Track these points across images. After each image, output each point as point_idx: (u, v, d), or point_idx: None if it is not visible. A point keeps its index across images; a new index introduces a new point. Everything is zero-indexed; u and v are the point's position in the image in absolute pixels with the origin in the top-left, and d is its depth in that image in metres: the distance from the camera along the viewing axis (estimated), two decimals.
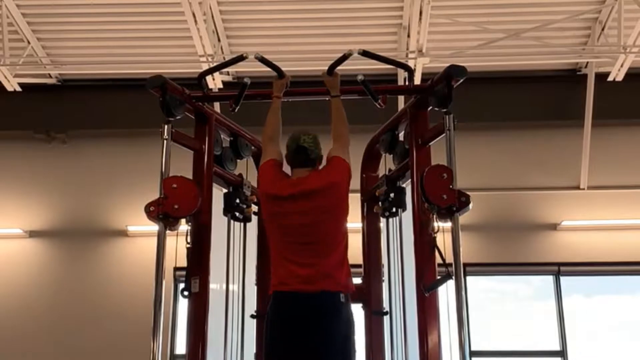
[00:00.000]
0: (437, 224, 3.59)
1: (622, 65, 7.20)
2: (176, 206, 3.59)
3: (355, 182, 4.48)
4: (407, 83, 4.20)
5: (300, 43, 7.60)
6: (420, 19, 6.74)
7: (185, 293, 3.74)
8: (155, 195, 3.65)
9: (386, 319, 4.31)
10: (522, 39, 7.21)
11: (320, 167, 3.62)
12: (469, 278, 7.58)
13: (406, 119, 4.11)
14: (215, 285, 4.06)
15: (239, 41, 7.67)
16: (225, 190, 4.33)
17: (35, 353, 7.63)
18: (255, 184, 4.48)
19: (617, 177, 7.95)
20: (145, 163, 5.46)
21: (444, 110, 3.71)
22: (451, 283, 3.46)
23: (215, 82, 7.37)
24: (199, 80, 4.15)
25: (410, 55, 7.06)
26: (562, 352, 7.56)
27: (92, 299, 7.78)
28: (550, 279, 7.87)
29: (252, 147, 4.51)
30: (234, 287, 4.34)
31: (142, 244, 7.72)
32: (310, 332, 3.32)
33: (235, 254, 4.37)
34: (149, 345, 3.45)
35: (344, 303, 3.38)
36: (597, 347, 7.67)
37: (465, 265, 3.66)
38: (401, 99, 6.69)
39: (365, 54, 3.93)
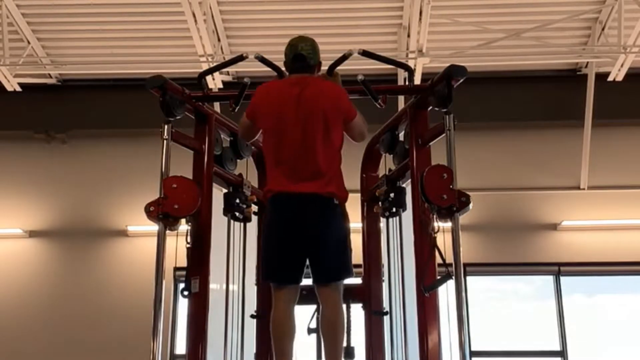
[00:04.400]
0: (437, 224, 3.58)
1: (622, 65, 7.20)
2: (176, 206, 3.58)
3: (355, 182, 4.50)
4: (407, 83, 4.20)
5: None
6: (420, 19, 6.74)
7: (185, 293, 3.73)
8: (155, 195, 3.64)
9: (386, 319, 4.30)
10: (522, 39, 7.21)
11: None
12: (469, 278, 7.58)
13: (406, 119, 4.11)
14: (215, 285, 4.05)
15: (239, 41, 7.67)
16: (225, 190, 4.33)
17: (35, 353, 7.63)
18: (255, 184, 4.50)
19: (617, 177, 7.95)
20: (145, 163, 5.46)
21: (444, 110, 3.70)
22: (451, 283, 3.46)
23: (215, 82, 7.38)
24: (199, 80, 4.15)
25: (410, 55, 7.06)
26: (562, 352, 7.57)
27: (92, 299, 7.78)
28: (550, 279, 7.87)
29: (252, 147, 4.51)
30: (234, 287, 4.34)
31: (142, 244, 7.72)
32: (306, 225, 3.48)
33: (235, 254, 4.36)
34: (149, 345, 3.45)
35: (337, 204, 3.56)
36: (597, 347, 7.67)
37: (465, 265, 3.65)
38: (401, 99, 6.69)
39: (365, 54, 3.93)
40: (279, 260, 3.54)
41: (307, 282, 3.63)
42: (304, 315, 3.91)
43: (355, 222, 4.20)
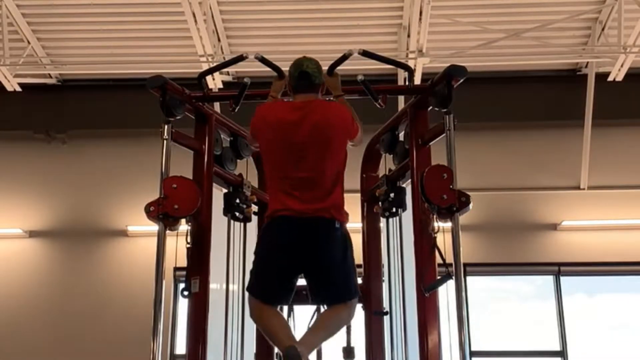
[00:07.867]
0: (437, 224, 3.59)
1: (622, 65, 7.20)
2: (176, 206, 3.59)
3: (356, 182, 4.50)
4: (407, 83, 4.20)
5: (300, 43, 7.59)
6: (420, 19, 6.74)
7: (185, 293, 3.74)
8: (155, 195, 3.64)
9: (386, 319, 4.30)
10: (522, 39, 7.21)
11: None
12: (469, 278, 7.58)
13: (406, 119, 4.11)
14: (215, 285, 4.05)
15: (239, 41, 7.67)
16: (225, 190, 4.33)
17: (36, 353, 7.62)
18: (255, 184, 4.50)
19: (617, 177, 7.96)
20: (145, 163, 5.46)
21: (444, 110, 3.71)
22: (451, 283, 3.46)
23: (215, 82, 7.38)
24: (199, 80, 4.14)
25: (410, 55, 7.06)
26: (562, 352, 7.57)
27: (92, 299, 7.78)
28: (550, 279, 7.87)
29: (252, 147, 4.51)
30: (234, 287, 4.34)
31: (142, 244, 7.72)
32: (306, 253, 3.35)
33: (235, 254, 4.36)
34: (149, 345, 3.45)
35: (339, 228, 3.41)
36: (597, 347, 7.67)
37: (465, 265, 3.65)
38: (401, 99, 6.69)
39: (365, 54, 3.93)
40: (274, 283, 3.41)
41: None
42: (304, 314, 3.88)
43: (355, 222, 4.20)
